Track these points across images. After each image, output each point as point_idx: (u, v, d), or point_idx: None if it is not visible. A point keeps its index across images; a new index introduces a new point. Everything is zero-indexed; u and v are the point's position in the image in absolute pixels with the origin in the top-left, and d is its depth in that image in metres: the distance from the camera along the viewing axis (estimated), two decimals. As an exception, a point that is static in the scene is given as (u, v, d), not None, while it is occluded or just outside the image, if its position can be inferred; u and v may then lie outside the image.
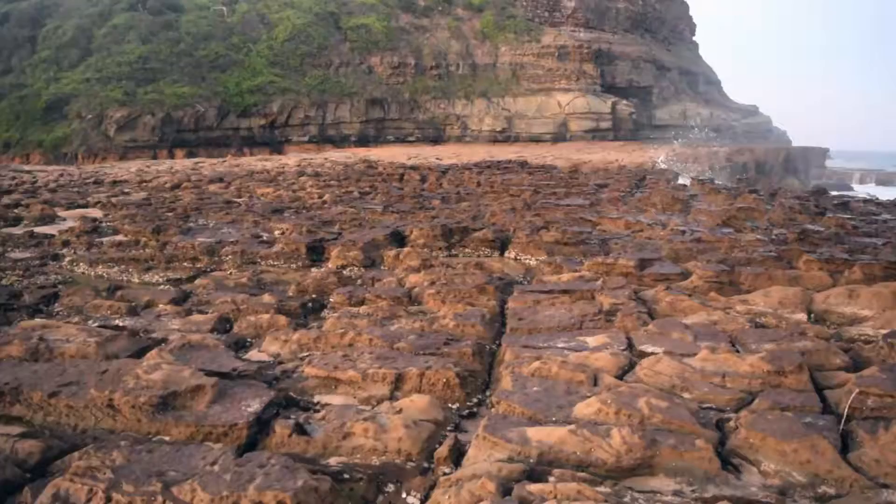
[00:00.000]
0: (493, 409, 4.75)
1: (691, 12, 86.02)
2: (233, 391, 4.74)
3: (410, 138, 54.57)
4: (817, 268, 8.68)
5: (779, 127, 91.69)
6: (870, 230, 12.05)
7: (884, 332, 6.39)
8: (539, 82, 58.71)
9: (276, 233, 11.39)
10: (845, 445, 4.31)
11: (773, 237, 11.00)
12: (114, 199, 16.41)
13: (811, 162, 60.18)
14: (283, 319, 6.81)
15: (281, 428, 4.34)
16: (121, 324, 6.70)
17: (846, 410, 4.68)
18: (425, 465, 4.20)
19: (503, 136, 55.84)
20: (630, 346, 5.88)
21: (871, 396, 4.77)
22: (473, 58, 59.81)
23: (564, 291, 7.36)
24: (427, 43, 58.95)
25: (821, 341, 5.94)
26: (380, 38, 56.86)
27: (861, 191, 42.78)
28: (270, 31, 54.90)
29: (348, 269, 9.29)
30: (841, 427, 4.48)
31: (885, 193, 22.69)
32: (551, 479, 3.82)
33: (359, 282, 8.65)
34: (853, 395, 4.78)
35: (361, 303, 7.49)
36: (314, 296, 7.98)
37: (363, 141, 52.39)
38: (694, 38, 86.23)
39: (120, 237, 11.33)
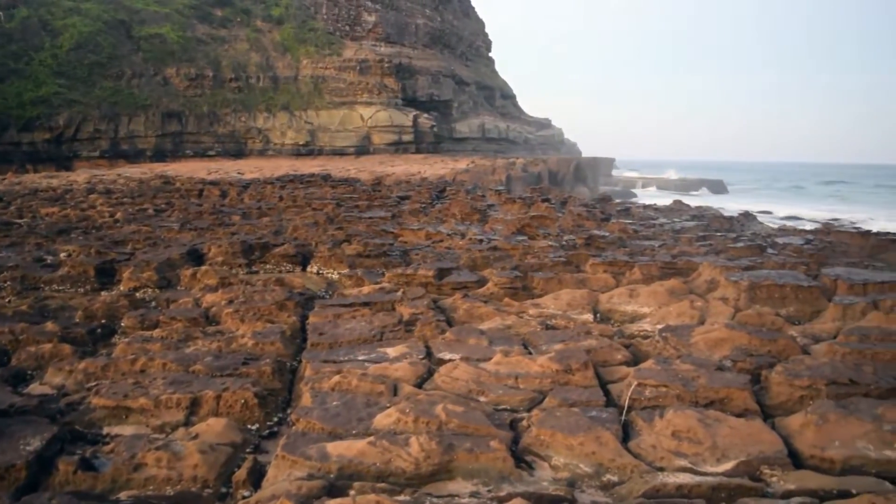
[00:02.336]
0: (293, 427, 4.68)
1: (487, 29, 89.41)
2: (10, 429, 4.38)
3: (210, 152, 52.64)
4: (602, 270, 9.27)
5: (570, 139, 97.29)
6: (648, 234, 13.03)
7: (660, 327, 6.93)
8: (341, 95, 58.62)
9: (62, 255, 10.60)
10: (626, 435, 4.63)
11: (564, 243, 11.62)
12: None
13: (599, 171, 64.22)
14: (67, 348, 6.36)
15: (65, 465, 4.07)
16: None
17: (626, 402, 5.02)
18: (223, 490, 4.09)
19: (306, 150, 55.24)
20: (428, 354, 6.00)
21: (648, 387, 5.15)
22: (274, 70, 58.71)
23: (365, 304, 7.39)
24: (226, 54, 57.19)
25: (604, 339, 6.35)
26: (175, 48, 54.47)
27: (643, 197, 46.25)
28: (55, 38, 50.99)
29: (141, 290, 8.83)
30: (622, 418, 4.80)
31: (663, 199, 24.61)
32: (351, 492, 3.83)
33: (153, 304, 8.25)
34: (632, 387, 5.15)
35: (155, 326, 7.15)
36: (103, 321, 7.51)
37: (160, 156, 49.93)
38: (490, 55, 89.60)
39: None
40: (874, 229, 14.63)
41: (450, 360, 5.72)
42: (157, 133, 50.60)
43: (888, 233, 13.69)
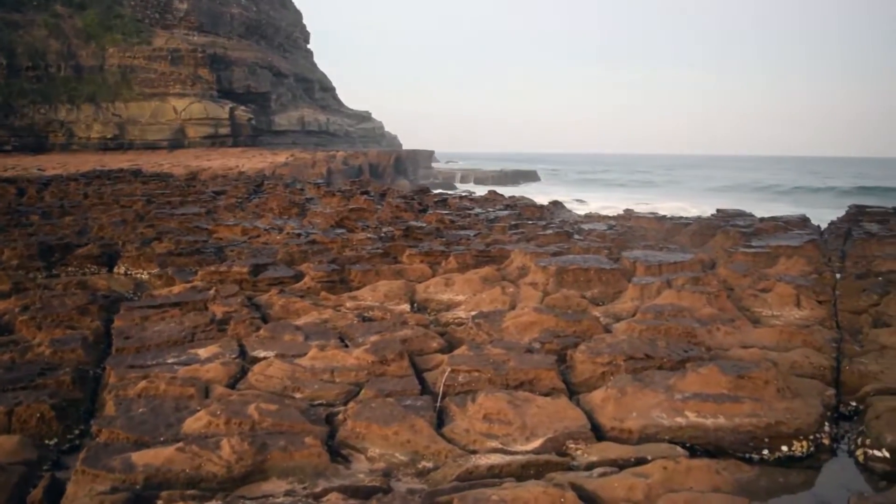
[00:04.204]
0: (95, 439, 4.43)
1: (305, 21, 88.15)
2: None
3: (6, 147, 48.66)
4: (419, 261, 9.41)
5: (390, 132, 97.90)
6: (464, 223, 13.33)
7: (473, 313, 7.12)
8: (152, 87, 55.98)
9: None
10: (441, 421, 4.73)
11: (382, 235, 11.68)
12: None
13: (420, 163, 65.09)
14: None
15: None
16: None
17: (441, 389, 5.13)
18: (16, 513, 3.81)
19: (115, 144, 52.36)
20: (242, 353, 5.87)
21: (461, 373, 5.29)
22: (77, 59, 55.07)
23: (175, 304, 7.10)
24: (20, 40, 52.92)
25: (420, 328, 6.45)
26: (-38, 33, 49.94)
27: (462, 189, 47.35)
28: None
29: (-79, 301, 8.02)
30: (437, 405, 4.90)
31: (481, 190, 25.34)
32: (159, 502, 3.69)
33: (-66, 314, 7.52)
34: (446, 374, 5.27)
35: (-63, 339, 6.53)
36: None
37: (-55, 152, 45.72)
38: (308, 47, 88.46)
39: None
40: (669, 214, 15.71)
41: (264, 358, 5.62)
42: (-57, 126, 46.19)
43: (681, 217, 14.80)
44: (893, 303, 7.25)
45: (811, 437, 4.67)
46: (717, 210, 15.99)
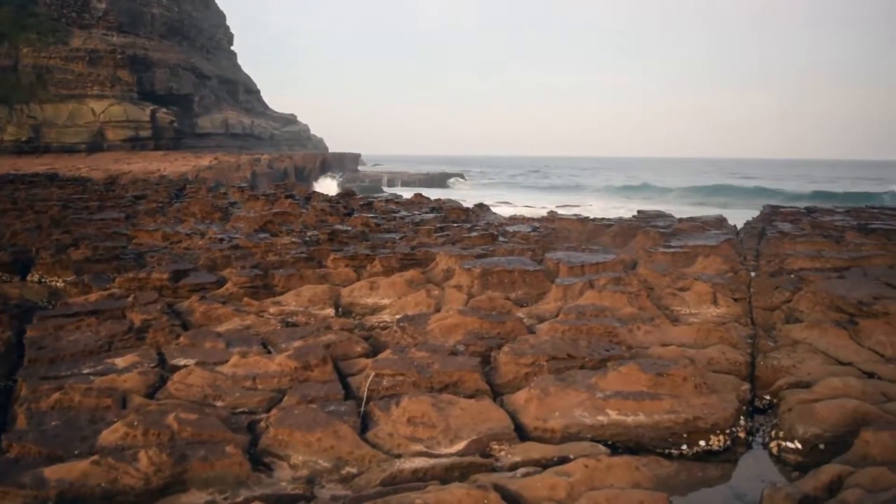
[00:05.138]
0: (6, 455, 4.26)
1: (228, 22, 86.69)
2: None
3: (-88, 151, 46.66)
4: (344, 265, 9.34)
5: (316, 135, 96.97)
6: (390, 226, 13.31)
7: (398, 317, 7.12)
8: (69, 88, 54.22)
9: None
10: (365, 425, 4.70)
11: (307, 239, 11.56)
12: None
13: (346, 166, 64.70)
14: None
15: None
16: None
17: (365, 393, 5.11)
18: (-83, 537, 3.64)
19: (30, 147, 50.54)
20: (162, 361, 5.73)
21: (385, 377, 5.27)
22: (-10, 59, 53.06)
23: (92, 312, 6.87)
24: (-74, 40, 50.77)
25: (344, 332, 6.41)
26: None
27: (389, 192, 47.25)
28: None
29: None
30: (361, 409, 4.88)
31: (408, 193, 25.31)
32: (72, 517, 3.57)
33: None
34: (370, 378, 5.24)
35: None
36: None
37: None
38: (232, 48, 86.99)
39: None
40: (591, 216, 15.96)
41: (184, 366, 5.50)
42: None
43: (603, 218, 15.06)
44: (804, 299, 7.52)
45: (727, 431, 4.82)
46: (638, 211, 16.36)
